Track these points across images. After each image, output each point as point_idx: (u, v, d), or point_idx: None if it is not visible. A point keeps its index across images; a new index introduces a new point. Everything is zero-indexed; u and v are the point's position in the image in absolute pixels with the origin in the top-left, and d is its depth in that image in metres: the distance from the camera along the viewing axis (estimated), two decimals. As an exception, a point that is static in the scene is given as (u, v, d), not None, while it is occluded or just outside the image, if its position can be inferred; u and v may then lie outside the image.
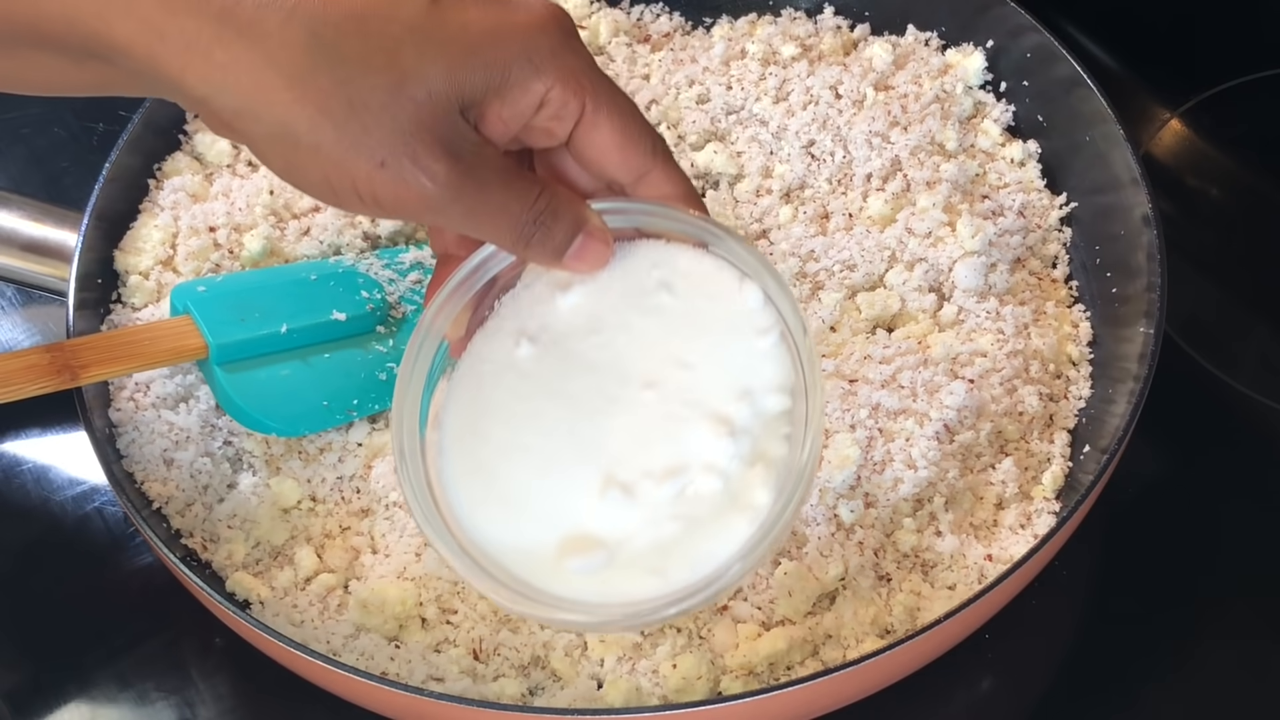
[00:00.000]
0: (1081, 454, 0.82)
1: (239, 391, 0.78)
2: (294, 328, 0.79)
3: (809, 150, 0.96)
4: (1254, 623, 0.84)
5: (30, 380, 0.71)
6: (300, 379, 0.80)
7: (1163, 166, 1.04)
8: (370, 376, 0.82)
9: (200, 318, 0.78)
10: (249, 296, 0.80)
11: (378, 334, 0.83)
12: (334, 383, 0.81)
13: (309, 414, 0.80)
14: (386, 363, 0.82)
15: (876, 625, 0.76)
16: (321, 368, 0.81)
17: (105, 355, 0.75)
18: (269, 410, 0.79)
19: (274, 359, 0.79)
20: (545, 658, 0.76)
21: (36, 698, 0.82)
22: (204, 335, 0.77)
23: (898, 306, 0.89)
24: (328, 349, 0.81)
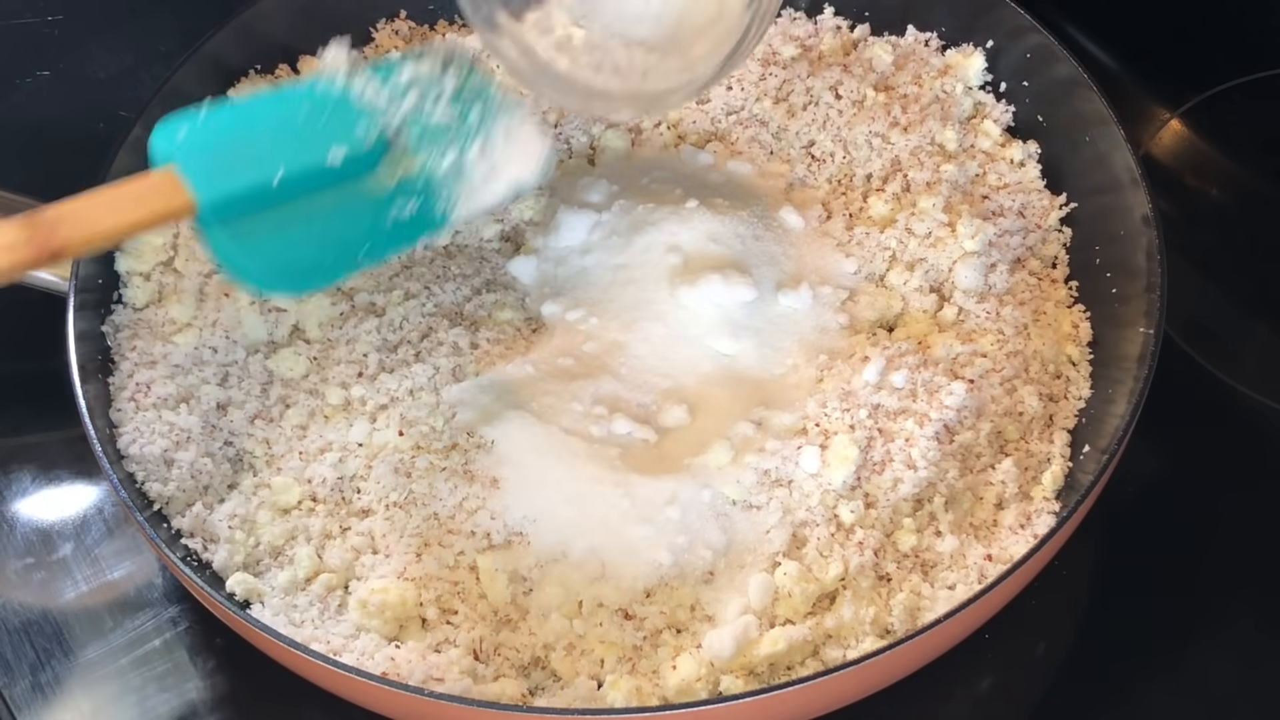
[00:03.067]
0: (1081, 454, 0.82)
1: (236, 251, 0.70)
2: (289, 174, 0.70)
3: (809, 151, 0.96)
4: (1253, 622, 0.84)
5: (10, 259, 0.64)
6: (300, 231, 0.71)
7: (1163, 166, 1.04)
8: (377, 223, 0.73)
9: (187, 171, 0.69)
10: (237, 139, 0.71)
11: (379, 172, 0.73)
12: (336, 232, 0.73)
13: (313, 269, 0.73)
14: (394, 203, 0.73)
15: (876, 625, 0.76)
16: (322, 216, 0.72)
17: (87, 227, 0.66)
18: (271, 270, 0.71)
19: (270, 210, 0.70)
20: (545, 658, 0.76)
21: (36, 698, 0.82)
22: (192, 193, 0.69)
23: (899, 307, 0.89)
24: (327, 195, 0.72)
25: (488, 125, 0.75)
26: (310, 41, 1.01)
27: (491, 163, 0.75)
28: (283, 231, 0.71)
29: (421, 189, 0.73)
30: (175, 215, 0.69)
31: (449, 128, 0.74)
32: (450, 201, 0.74)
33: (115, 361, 0.85)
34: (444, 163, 0.73)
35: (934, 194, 0.91)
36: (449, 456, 0.82)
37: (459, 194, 0.74)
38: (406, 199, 0.73)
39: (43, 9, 1.15)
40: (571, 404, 0.83)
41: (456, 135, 0.74)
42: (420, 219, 0.74)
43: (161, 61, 0.98)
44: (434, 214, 0.74)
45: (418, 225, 0.74)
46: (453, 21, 1.05)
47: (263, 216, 0.70)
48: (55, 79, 1.11)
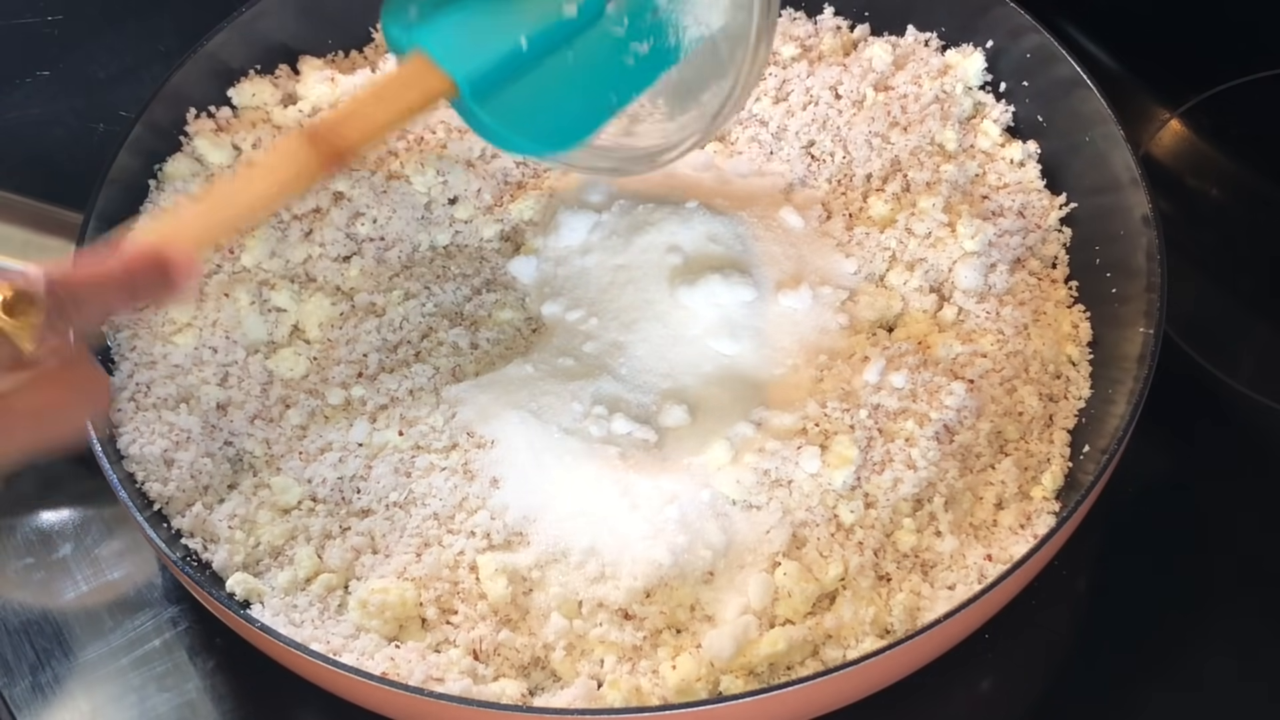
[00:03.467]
0: (1081, 454, 0.82)
1: (502, 120, 0.72)
2: (533, 36, 0.73)
3: (809, 151, 0.96)
4: (1254, 622, 0.84)
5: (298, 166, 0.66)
6: (554, 87, 0.74)
7: (1162, 166, 1.04)
8: (619, 64, 0.76)
9: (436, 55, 0.71)
10: (471, 11, 0.73)
11: (608, 15, 0.76)
12: (587, 81, 0.75)
13: (574, 121, 0.75)
14: (630, 45, 0.76)
15: (876, 625, 0.76)
16: (570, 69, 0.74)
17: (364, 123, 0.69)
18: (537, 130, 0.74)
19: (522, 76, 0.73)
20: (545, 658, 0.76)
21: (36, 698, 0.82)
22: (449, 72, 0.71)
23: (899, 307, 0.89)
24: (569, 48, 0.74)
25: None
26: (310, 41, 1.01)
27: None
28: (539, 91, 0.73)
29: (650, 27, 0.76)
30: (437, 97, 0.71)
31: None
32: (680, 31, 0.76)
33: (115, 361, 0.85)
34: None
35: (934, 194, 0.91)
36: (449, 456, 0.82)
37: (685, 22, 0.77)
38: (640, 38, 0.75)
39: (43, 9, 1.15)
40: (571, 404, 0.83)
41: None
42: (657, 54, 0.76)
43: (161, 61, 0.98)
44: (669, 47, 0.77)
45: (657, 60, 0.77)
46: (453, 21, 1.05)
47: (517, 81, 0.73)
48: (55, 79, 1.11)
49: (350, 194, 0.92)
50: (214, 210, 0.65)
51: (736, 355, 0.85)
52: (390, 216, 0.91)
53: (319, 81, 0.98)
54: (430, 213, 0.93)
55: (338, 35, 1.02)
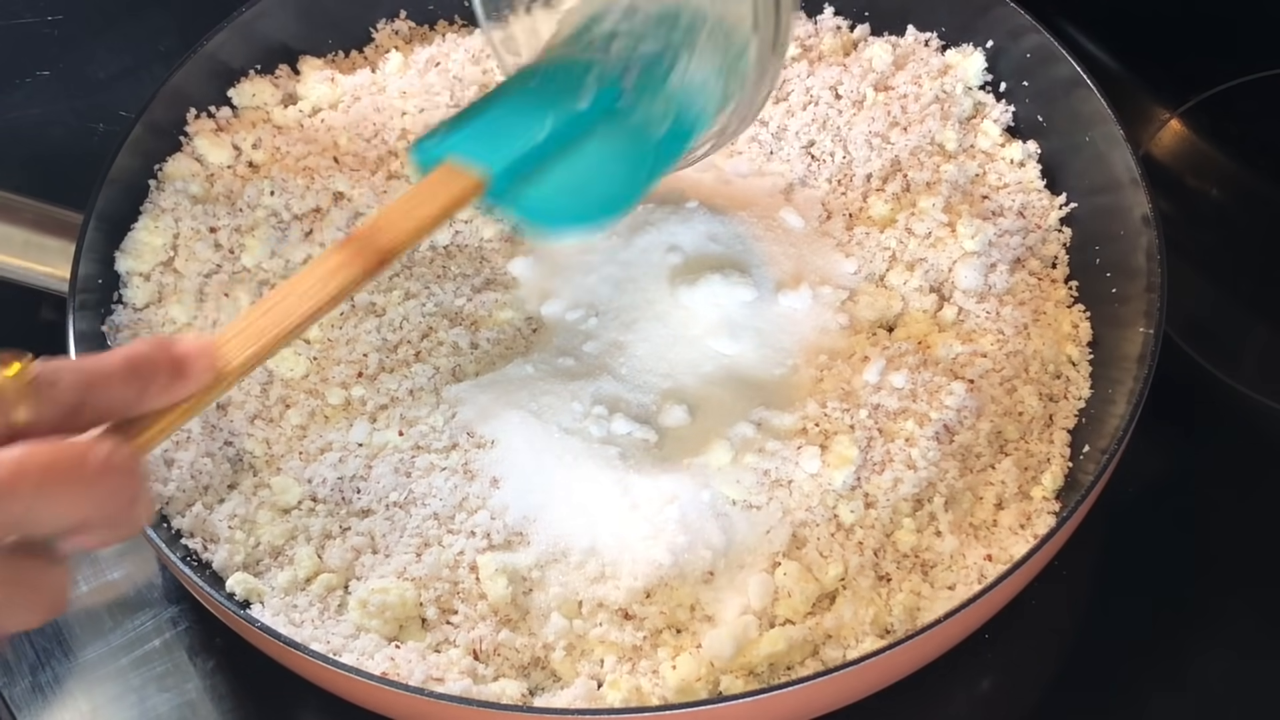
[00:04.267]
0: (1081, 454, 0.82)
1: (538, 204, 0.74)
2: (553, 129, 0.75)
3: (809, 150, 0.96)
4: (1254, 622, 0.84)
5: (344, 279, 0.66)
6: (586, 170, 0.76)
7: (1162, 167, 1.04)
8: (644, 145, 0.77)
9: (467, 155, 0.73)
10: (494, 121, 0.76)
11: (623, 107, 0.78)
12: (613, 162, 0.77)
13: (608, 198, 0.77)
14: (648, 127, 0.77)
15: (876, 625, 0.76)
16: (595, 152, 0.76)
17: (399, 229, 0.70)
18: (573, 211, 0.76)
19: (549, 165, 0.75)
20: (545, 658, 0.76)
21: (36, 698, 0.82)
22: (478, 170, 0.72)
23: (899, 307, 0.89)
24: (592, 134, 0.76)
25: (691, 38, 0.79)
26: (310, 41, 1.01)
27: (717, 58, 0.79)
28: (569, 175, 0.75)
29: (664, 111, 0.77)
30: (467, 196, 0.72)
31: (660, 53, 0.78)
32: (696, 109, 0.78)
33: (115, 361, 0.85)
34: (672, 83, 0.78)
35: (934, 194, 0.91)
36: (449, 456, 0.82)
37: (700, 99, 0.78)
38: (658, 120, 0.77)
39: (43, 9, 1.15)
40: (571, 404, 0.83)
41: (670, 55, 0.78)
42: (678, 132, 0.78)
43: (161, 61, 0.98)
44: (687, 125, 0.78)
45: (678, 138, 0.78)
46: (453, 21, 1.05)
47: (545, 169, 0.74)
48: (55, 79, 1.11)
49: (350, 194, 0.92)
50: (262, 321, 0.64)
51: (736, 355, 0.85)
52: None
53: (319, 81, 0.98)
54: (430, 213, 0.93)
55: (338, 35, 1.02)
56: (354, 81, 0.98)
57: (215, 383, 0.60)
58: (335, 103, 0.98)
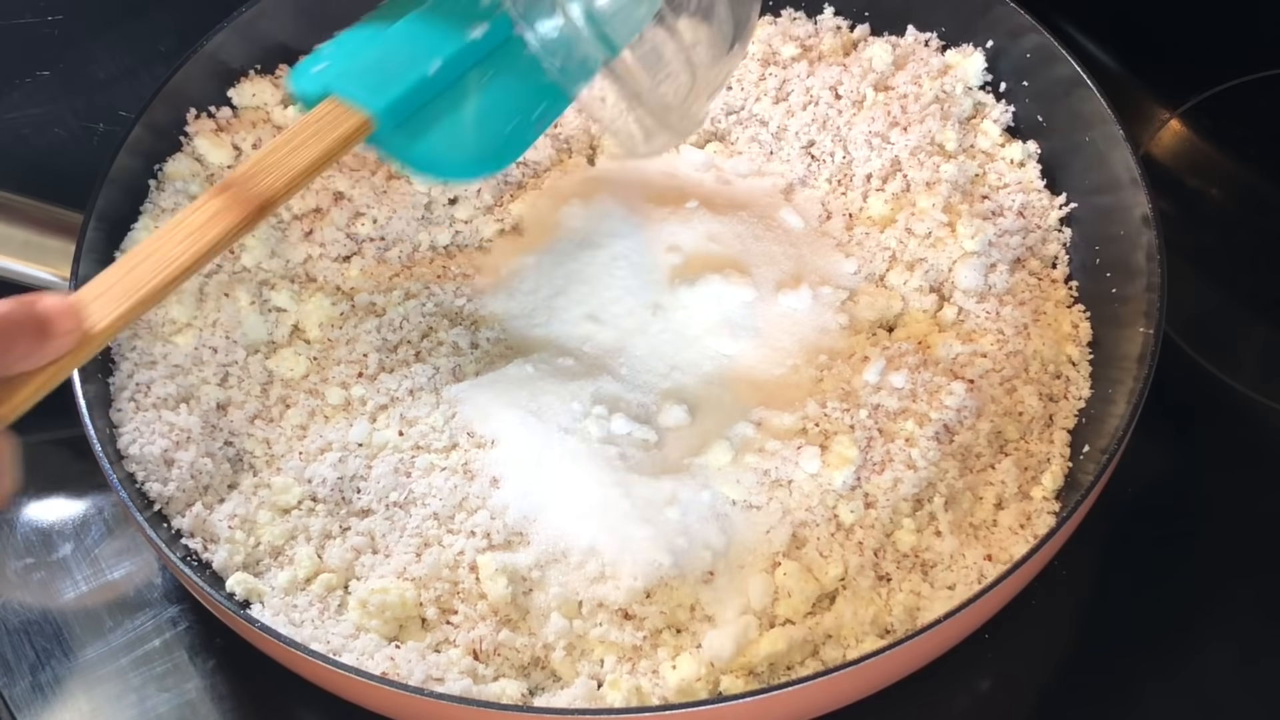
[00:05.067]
0: (1081, 454, 0.82)
1: (424, 149, 0.70)
2: (444, 61, 0.71)
3: (809, 151, 0.96)
4: (1254, 622, 0.84)
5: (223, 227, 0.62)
6: (478, 109, 0.72)
7: (1162, 166, 1.04)
8: (537, 83, 0.73)
9: (348, 94, 0.69)
10: (377, 51, 0.72)
11: (516, 37, 0.73)
12: (510, 99, 0.73)
13: (500, 143, 0.74)
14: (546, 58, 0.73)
15: (876, 625, 0.76)
16: (490, 90, 0.73)
17: (280, 173, 0.66)
18: (468, 155, 0.72)
19: (440, 103, 0.71)
20: (545, 658, 0.76)
21: (36, 698, 0.82)
22: (364, 106, 0.69)
23: (899, 307, 0.89)
24: (483, 69, 0.72)
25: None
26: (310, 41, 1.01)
27: None
28: (458, 116, 0.71)
29: (561, 40, 0.73)
30: (354, 135, 0.69)
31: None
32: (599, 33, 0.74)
33: (115, 361, 0.85)
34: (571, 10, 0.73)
35: (934, 194, 0.91)
36: (449, 456, 0.82)
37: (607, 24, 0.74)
38: (553, 54, 0.73)
39: (43, 9, 1.15)
40: (571, 404, 0.83)
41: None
42: (574, 67, 0.74)
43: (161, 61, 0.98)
44: (585, 60, 0.74)
45: (574, 74, 0.74)
46: (453, 21, 1.05)
47: (434, 109, 0.71)
48: (55, 79, 1.11)
49: (350, 194, 0.92)
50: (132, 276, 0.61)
51: (736, 355, 0.86)
52: (390, 216, 0.91)
53: (319, 81, 0.98)
54: (430, 213, 0.93)
55: (338, 35, 1.02)
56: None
57: (83, 344, 0.57)
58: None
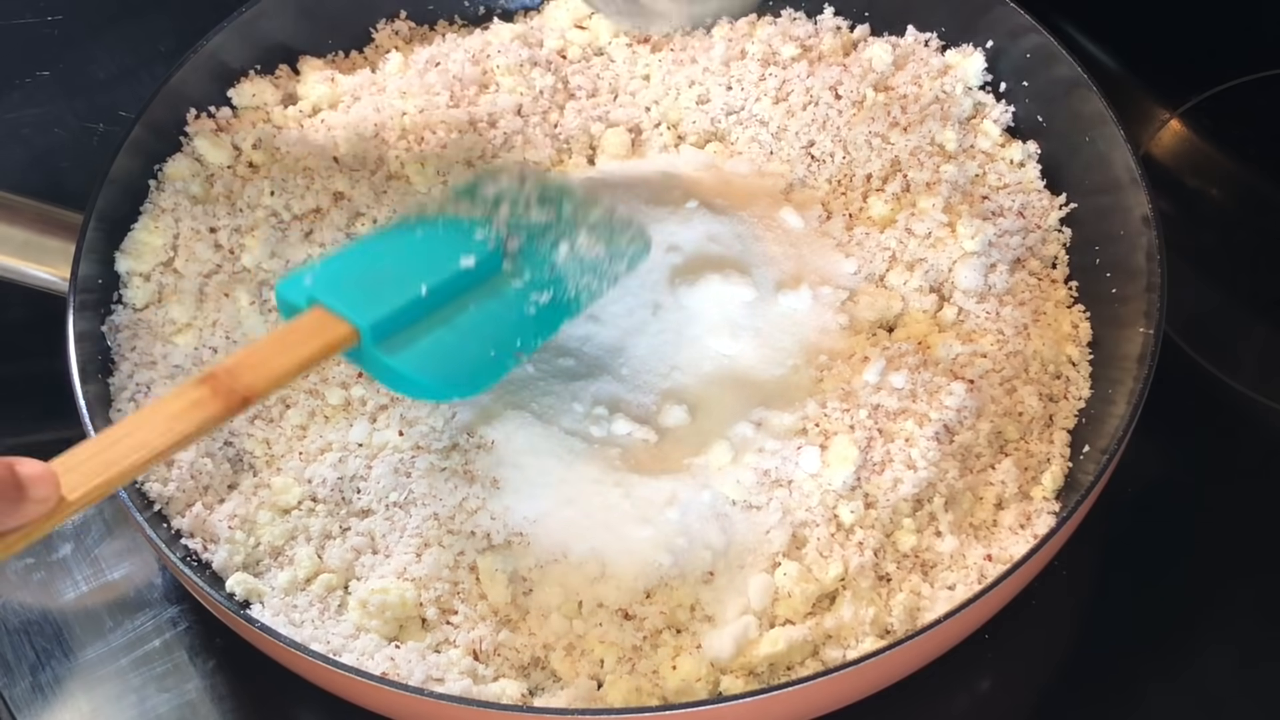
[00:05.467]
0: (1081, 454, 0.82)
1: (411, 366, 0.72)
2: (433, 286, 0.73)
3: (809, 151, 0.96)
4: (1254, 622, 0.84)
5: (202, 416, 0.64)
6: (459, 335, 0.74)
7: (1162, 167, 1.04)
8: (520, 314, 0.76)
9: (335, 305, 0.71)
10: (367, 271, 0.74)
11: (505, 271, 0.77)
12: (490, 329, 0.75)
13: (482, 368, 0.75)
14: (530, 297, 0.77)
15: (876, 625, 0.76)
16: (473, 318, 0.75)
17: (264, 371, 0.67)
18: (445, 377, 0.73)
19: (424, 325, 0.73)
20: (545, 658, 0.76)
21: (36, 698, 0.82)
22: (349, 320, 0.70)
23: (899, 307, 0.89)
24: (469, 298, 0.75)
25: (583, 216, 0.80)
26: (310, 41, 1.01)
27: (604, 245, 0.79)
28: (442, 339, 0.73)
29: (549, 280, 0.77)
30: (338, 345, 0.70)
31: (549, 225, 0.79)
32: (579, 284, 0.78)
33: (115, 362, 0.85)
34: (559, 254, 0.78)
35: (934, 194, 0.91)
36: (449, 456, 0.82)
37: (584, 277, 0.78)
38: (539, 290, 0.77)
39: (43, 9, 1.15)
40: (571, 404, 0.83)
41: (559, 229, 0.79)
42: (558, 306, 0.77)
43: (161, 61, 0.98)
44: (569, 299, 0.78)
45: (558, 311, 0.78)
46: (453, 21, 1.05)
47: (419, 330, 0.73)
48: (55, 79, 1.11)
49: (350, 194, 0.92)
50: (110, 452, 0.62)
51: (736, 355, 0.85)
52: (390, 216, 0.91)
53: (319, 81, 0.98)
54: (430, 213, 0.93)
55: (338, 35, 1.02)
56: (354, 81, 0.98)
57: (54, 511, 0.59)
58: (335, 103, 0.98)
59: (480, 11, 1.05)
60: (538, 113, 0.97)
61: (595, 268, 0.79)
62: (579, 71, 1.00)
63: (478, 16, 1.05)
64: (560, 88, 0.99)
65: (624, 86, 1.00)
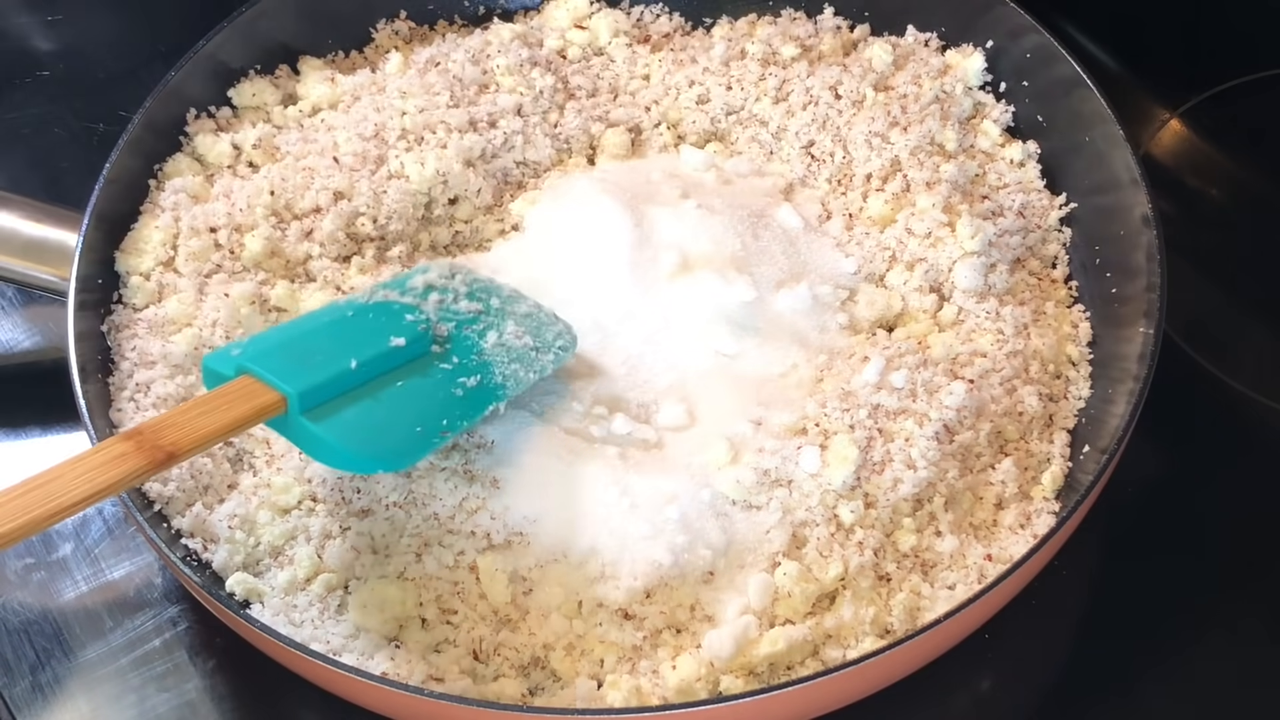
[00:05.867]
0: (1081, 454, 0.82)
1: (337, 436, 0.73)
2: (362, 361, 0.75)
3: (809, 151, 0.96)
4: (1254, 622, 0.84)
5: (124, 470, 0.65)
6: (386, 410, 0.75)
7: (1163, 166, 1.04)
8: (448, 395, 0.78)
9: (265, 373, 0.72)
10: (298, 343, 0.76)
11: (435, 353, 0.79)
12: (417, 407, 0.77)
13: (408, 444, 0.76)
14: (457, 379, 0.78)
15: (876, 625, 0.76)
16: (401, 395, 0.76)
17: (188, 430, 0.69)
18: (371, 449, 0.74)
19: (351, 397, 0.74)
20: (545, 658, 0.76)
21: (36, 698, 0.82)
22: (278, 388, 0.72)
23: (898, 306, 0.89)
24: (398, 376, 0.77)
25: (511, 308, 0.83)
26: (310, 41, 1.01)
27: (531, 336, 0.82)
28: (369, 411, 0.75)
29: (477, 366, 0.79)
30: (266, 412, 0.72)
31: (477, 316, 0.82)
32: (505, 372, 0.80)
33: (115, 361, 0.85)
34: (487, 341, 0.81)
35: (933, 194, 0.91)
36: (449, 456, 0.82)
37: (511, 365, 0.80)
38: (468, 374, 0.79)
39: (43, 9, 1.15)
40: (571, 404, 0.83)
41: (488, 319, 0.82)
42: (484, 390, 0.79)
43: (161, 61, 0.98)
44: (495, 385, 0.79)
45: (484, 395, 0.79)
46: (452, 21, 1.05)
47: (346, 401, 0.74)
48: (55, 79, 1.11)
49: (350, 194, 0.92)
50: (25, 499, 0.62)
51: (736, 355, 0.85)
52: (390, 216, 0.91)
53: (319, 81, 0.98)
54: (430, 213, 0.93)
55: (338, 35, 1.02)
56: (354, 81, 0.98)
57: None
58: (335, 103, 0.98)
59: (480, 11, 1.05)
60: (538, 113, 0.97)
61: (522, 357, 0.81)
62: (579, 71, 1.00)
63: (478, 16, 1.05)
64: (560, 88, 0.98)
65: (624, 86, 1.00)
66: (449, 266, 0.86)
